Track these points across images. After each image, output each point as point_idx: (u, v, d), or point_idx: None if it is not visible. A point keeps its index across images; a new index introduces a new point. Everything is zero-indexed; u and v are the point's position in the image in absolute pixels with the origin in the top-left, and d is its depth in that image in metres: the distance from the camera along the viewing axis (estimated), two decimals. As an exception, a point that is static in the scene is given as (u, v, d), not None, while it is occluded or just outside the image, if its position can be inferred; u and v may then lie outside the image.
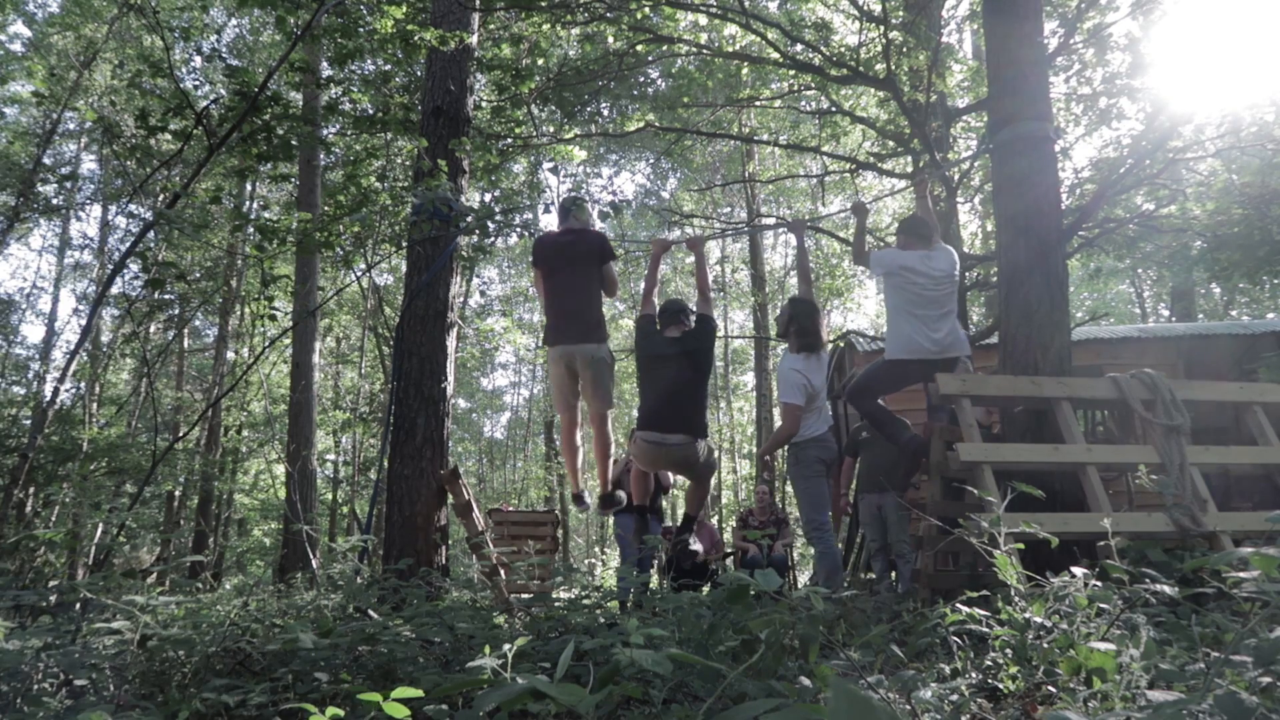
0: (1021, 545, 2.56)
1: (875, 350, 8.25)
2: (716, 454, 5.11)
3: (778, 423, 5.71)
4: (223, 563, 16.63)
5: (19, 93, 14.49)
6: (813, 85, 8.67)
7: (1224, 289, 17.64)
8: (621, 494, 5.21)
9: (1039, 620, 1.99)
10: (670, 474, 6.52)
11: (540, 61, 8.54)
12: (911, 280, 4.51)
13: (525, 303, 24.20)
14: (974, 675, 1.99)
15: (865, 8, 7.29)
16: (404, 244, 5.83)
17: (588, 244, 4.71)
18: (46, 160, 14.35)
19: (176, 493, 16.34)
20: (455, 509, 5.30)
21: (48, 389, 13.58)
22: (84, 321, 15.78)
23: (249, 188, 16.38)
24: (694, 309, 4.73)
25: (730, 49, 8.63)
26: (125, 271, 11.74)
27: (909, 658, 2.36)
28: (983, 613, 2.15)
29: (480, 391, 27.01)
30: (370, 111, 6.45)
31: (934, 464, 4.13)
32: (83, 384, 13.72)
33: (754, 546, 6.98)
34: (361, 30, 5.54)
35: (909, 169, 8.10)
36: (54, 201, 14.03)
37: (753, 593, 1.81)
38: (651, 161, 20.43)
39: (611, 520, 6.86)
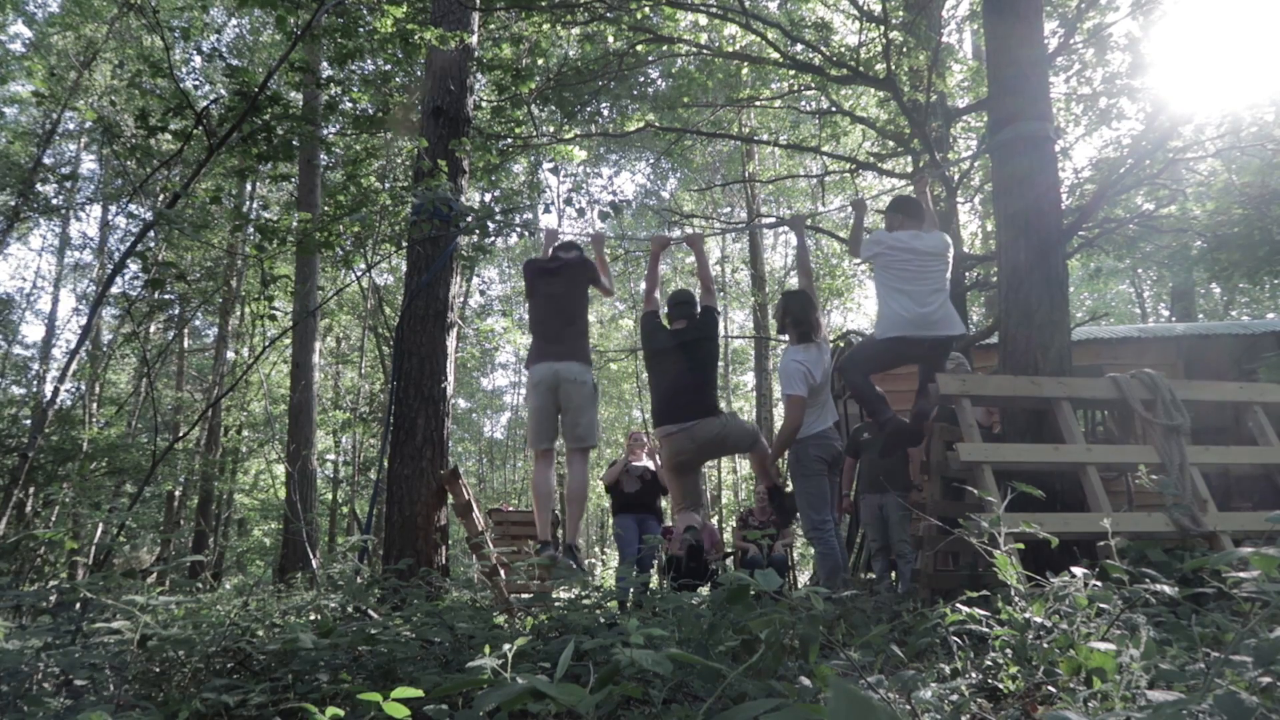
0: (1021, 545, 2.56)
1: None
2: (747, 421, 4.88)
3: (777, 424, 5.70)
4: (223, 563, 16.64)
5: (19, 93, 14.49)
6: (813, 85, 8.67)
7: (1224, 289, 17.65)
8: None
9: (1039, 620, 1.99)
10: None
11: (540, 61, 8.54)
12: (899, 256, 4.43)
13: (525, 302, 24.19)
14: (974, 675, 1.99)
15: (865, 8, 7.29)
16: (404, 244, 5.83)
17: (573, 264, 4.66)
18: (46, 160, 14.35)
19: (176, 493, 16.35)
20: (455, 509, 5.31)
21: (48, 389, 13.59)
22: (84, 321, 15.78)
23: (249, 188, 16.38)
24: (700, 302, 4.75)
25: (730, 49, 8.63)
26: (125, 271, 11.74)
27: (909, 658, 2.35)
28: (983, 613, 2.15)
29: (480, 391, 27.02)
30: (370, 111, 6.45)
31: (934, 464, 4.13)
32: (83, 384, 13.72)
33: (754, 546, 6.98)
34: (361, 30, 5.54)
35: (909, 169, 8.10)
36: (54, 201, 14.03)
37: (753, 593, 1.81)
38: (651, 161, 20.44)
39: (611, 520, 6.86)
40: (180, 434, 14.66)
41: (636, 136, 11.82)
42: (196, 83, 11.97)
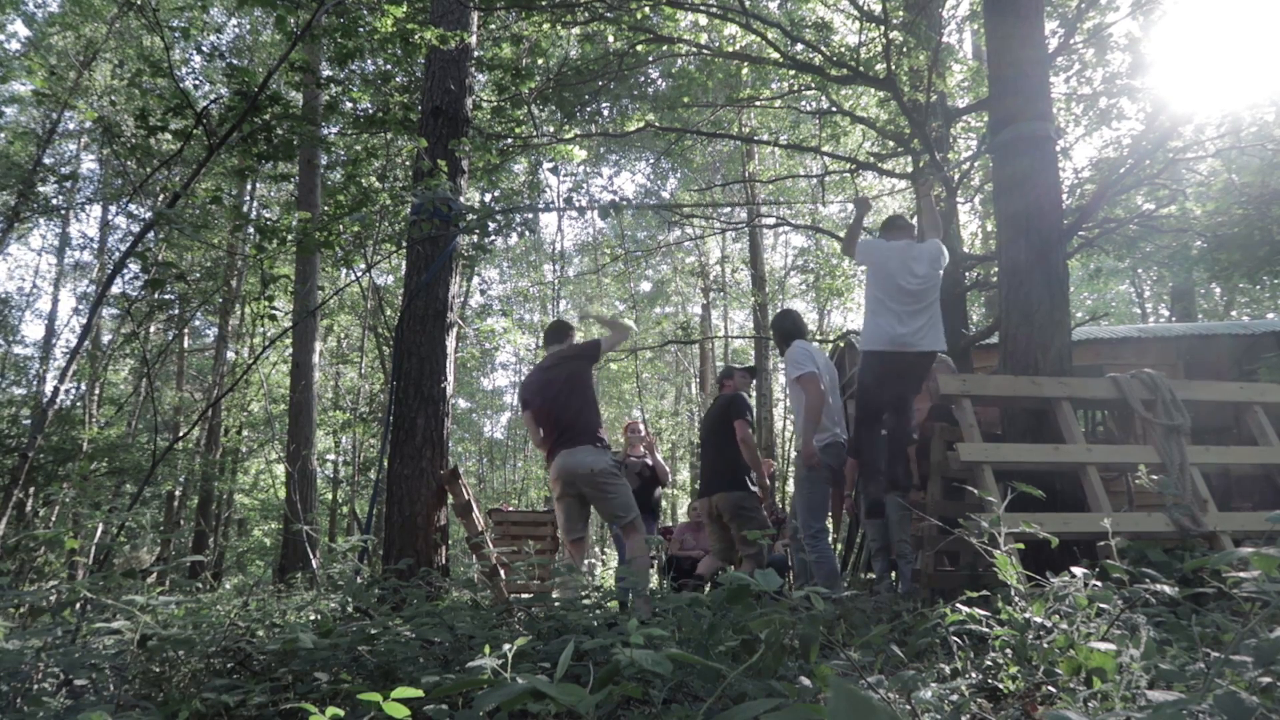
0: (1021, 545, 2.56)
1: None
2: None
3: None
4: (223, 563, 16.64)
5: (19, 92, 14.50)
6: (813, 85, 8.66)
7: (1224, 289, 17.64)
8: None
9: (1039, 620, 1.99)
10: (665, 466, 6.49)
11: (540, 61, 8.53)
12: (889, 267, 4.48)
13: (525, 303, 24.22)
14: (974, 675, 1.99)
15: (865, 8, 7.29)
16: (404, 244, 5.83)
17: (571, 351, 4.54)
18: (46, 160, 14.35)
19: (176, 493, 16.35)
20: (455, 509, 5.30)
21: (48, 389, 13.60)
22: (84, 321, 15.78)
23: (249, 188, 16.39)
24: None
25: (730, 49, 8.62)
26: (125, 271, 11.74)
27: (909, 658, 2.35)
28: (983, 613, 2.15)
29: (480, 391, 27.04)
30: (370, 111, 6.45)
31: (934, 464, 4.13)
32: (83, 384, 13.73)
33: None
34: (361, 30, 5.54)
35: (909, 169, 8.10)
36: (54, 201, 14.03)
37: (753, 593, 1.81)
38: (651, 161, 20.45)
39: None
40: (180, 434, 14.66)
41: (636, 136, 11.83)
42: (196, 83, 11.97)
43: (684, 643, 2.19)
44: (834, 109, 9.04)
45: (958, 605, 2.22)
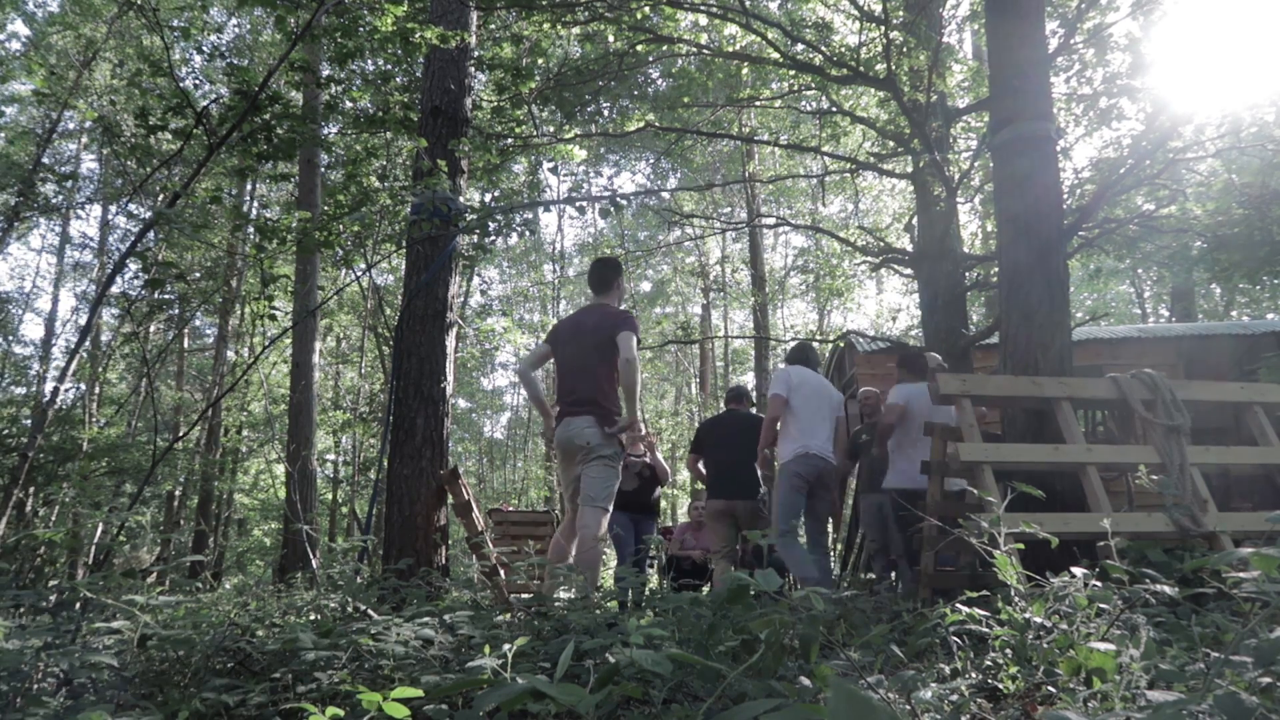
0: (1021, 545, 2.55)
1: (875, 351, 8.26)
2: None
3: None
4: (223, 563, 16.65)
5: (19, 92, 14.50)
6: (813, 85, 8.67)
7: (1224, 289, 17.64)
8: None
9: (1039, 620, 1.99)
10: (665, 465, 6.45)
11: (540, 61, 8.53)
12: (915, 415, 4.97)
13: (525, 303, 24.23)
14: (974, 675, 1.99)
15: (865, 8, 7.29)
16: (404, 244, 5.82)
17: (609, 328, 4.21)
18: (46, 160, 14.35)
19: (176, 493, 16.35)
20: (455, 509, 5.30)
21: (48, 389, 13.61)
22: (84, 321, 15.78)
23: (249, 187, 16.39)
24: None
25: (730, 49, 8.63)
26: (125, 271, 11.74)
27: (909, 658, 2.35)
28: (983, 613, 2.15)
29: (480, 391, 27.05)
30: (370, 111, 6.44)
31: (934, 464, 4.13)
32: (83, 384, 13.73)
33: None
34: (361, 30, 5.53)
35: (909, 169, 8.11)
36: (54, 201, 14.04)
37: (752, 593, 1.81)
38: (651, 161, 20.45)
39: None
40: (180, 434, 14.67)
41: (636, 136, 11.82)
42: (196, 82, 11.97)
43: (684, 643, 2.18)
44: (834, 109, 9.04)
45: (958, 605, 2.22)
